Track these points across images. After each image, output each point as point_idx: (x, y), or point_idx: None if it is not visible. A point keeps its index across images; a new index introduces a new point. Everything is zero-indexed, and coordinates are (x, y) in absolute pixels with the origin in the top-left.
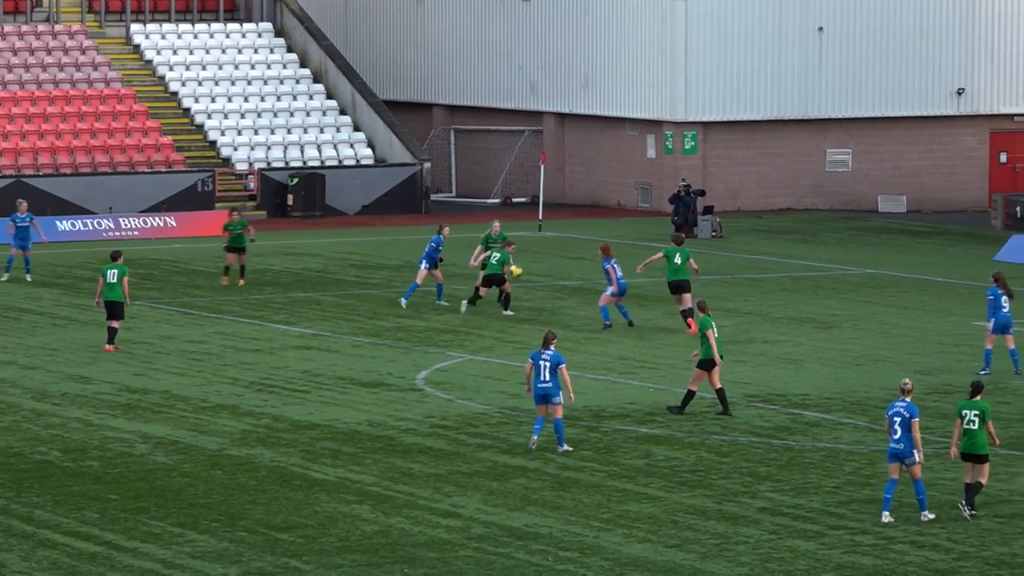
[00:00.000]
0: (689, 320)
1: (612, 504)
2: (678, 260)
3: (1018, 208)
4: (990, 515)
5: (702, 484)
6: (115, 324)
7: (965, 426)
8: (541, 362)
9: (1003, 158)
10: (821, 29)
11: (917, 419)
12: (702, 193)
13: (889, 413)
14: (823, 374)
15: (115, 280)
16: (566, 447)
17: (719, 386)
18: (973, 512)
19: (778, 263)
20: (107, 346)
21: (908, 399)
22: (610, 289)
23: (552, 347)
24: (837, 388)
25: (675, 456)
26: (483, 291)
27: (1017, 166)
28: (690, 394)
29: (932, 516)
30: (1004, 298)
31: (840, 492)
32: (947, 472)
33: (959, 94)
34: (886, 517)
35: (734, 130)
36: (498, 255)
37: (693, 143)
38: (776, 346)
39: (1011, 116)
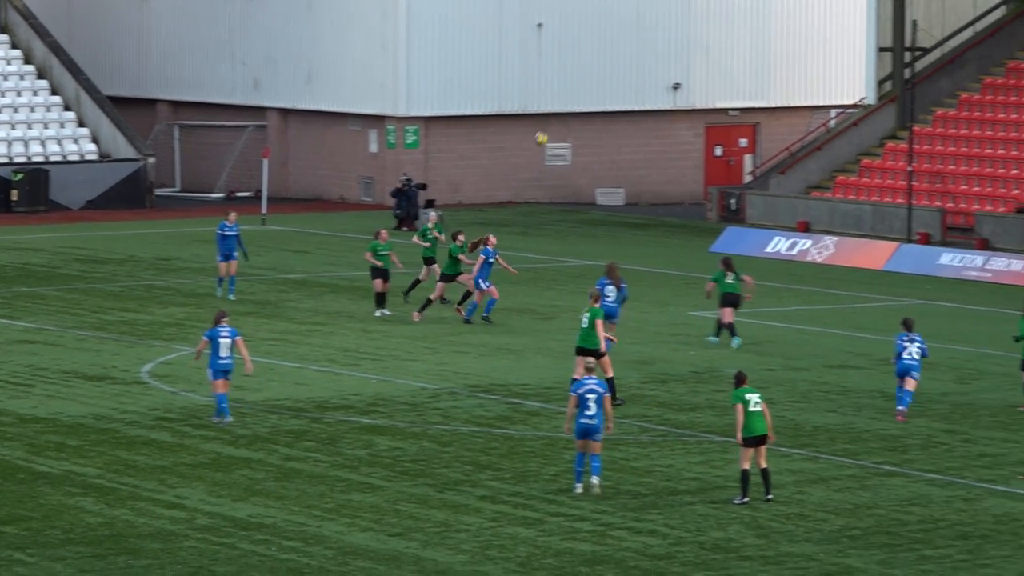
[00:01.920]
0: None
1: (335, 494)
2: (730, 279)
3: (732, 201)
4: (705, 500)
5: (424, 473)
6: None
7: (751, 410)
8: (221, 340)
9: (718, 152)
10: (540, 25)
11: (608, 394)
12: (423, 187)
13: (581, 391)
14: (543, 364)
15: None
16: (228, 419)
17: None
18: (769, 497)
19: (500, 256)
20: None
21: (595, 376)
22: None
23: (225, 323)
24: (557, 378)
25: (397, 446)
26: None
27: (732, 159)
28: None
29: (600, 490)
30: (611, 288)
31: (559, 480)
32: (663, 459)
33: (675, 89)
34: (578, 488)
35: (455, 125)
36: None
37: (415, 138)
38: (497, 337)
39: (726, 110)
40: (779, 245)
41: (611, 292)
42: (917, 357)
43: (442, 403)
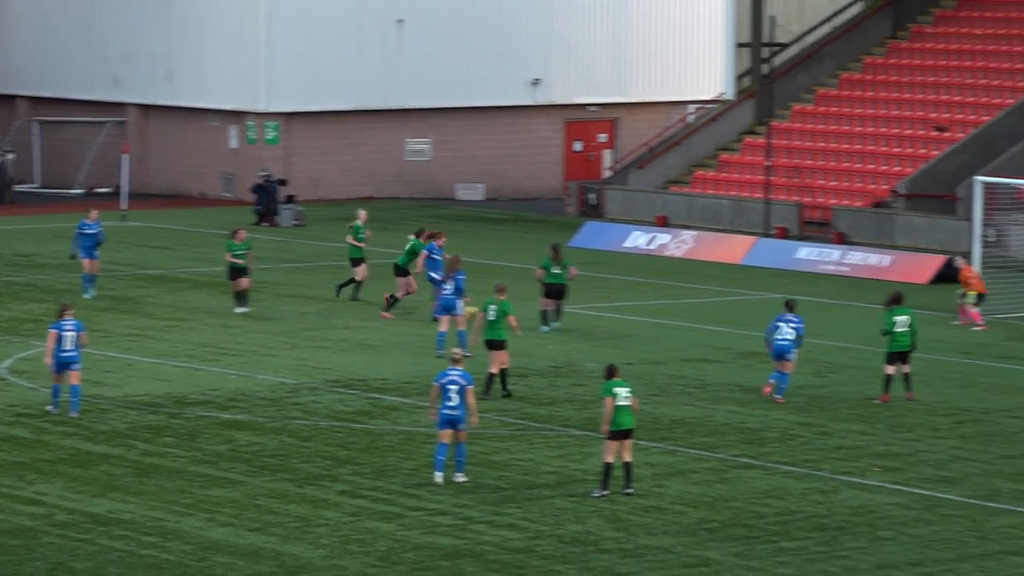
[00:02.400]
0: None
1: (194, 489)
2: (556, 270)
3: (591, 195)
4: (564, 494)
5: (284, 468)
6: None
7: (619, 403)
8: (65, 333)
9: (577, 147)
10: (401, 21)
11: (472, 386)
12: (283, 183)
13: (443, 381)
14: (402, 359)
15: None
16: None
17: (495, 371)
18: (629, 490)
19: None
20: None
21: (461, 368)
22: None
23: (69, 316)
24: (415, 372)
25: (257, 441)
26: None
27: (591, 155)
28: (493, 376)
29: (466, 479)
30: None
31: (419, 474)
32: (522, 453)
33: (535, 85)
34: (438, 477)
35: (316, 121)
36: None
37: (275, 134)
38: (357, 332)
39: (585, 106)
40: (638, 239)
41: (449, 286)
42: (791, 338)
43: (302, 398)
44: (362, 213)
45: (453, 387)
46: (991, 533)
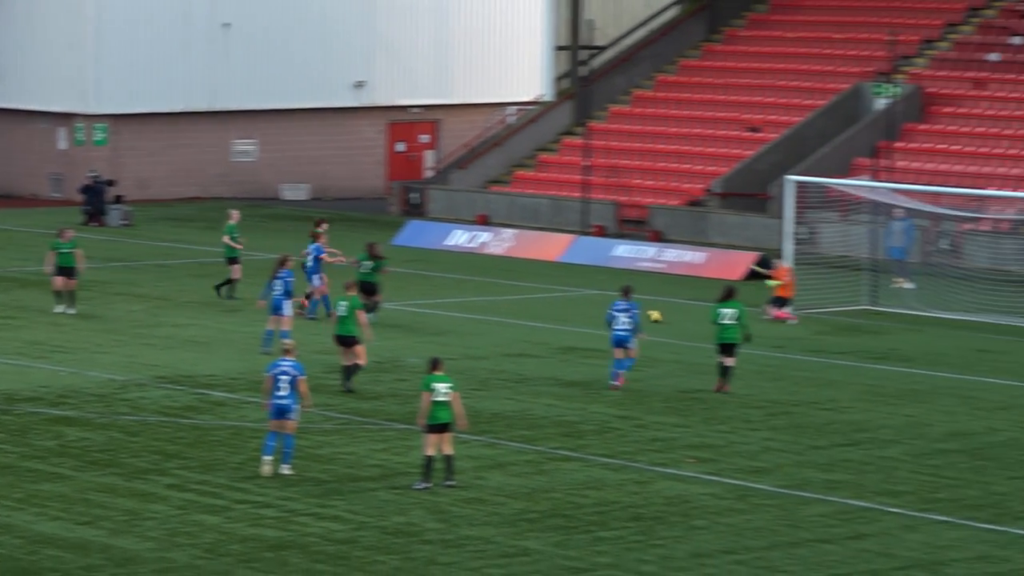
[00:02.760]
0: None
1: (24, 484)
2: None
3: (414, 195)
4: (387, 487)
5: (113, 463)
6: None
7: (436, 399)
8: None
9: (400, 147)
10: (228, 25)
11: (304, 377)
12: (112, 183)
13: (274, 372)
14: (229, 356)
15: None
16: None
17: (348, 363)
18: (450, 483)
19: (186, 250)
20: None
21: (292, 359)
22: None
23: None
24: (242, 369)
25: (86, 436)
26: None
27: (413, 155)
28: (354, 368)
29: (292, 472)
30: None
31: (245, 468)
32: (346, 447)
33: (358, 87)
34: (266, 461)
35: (144, 122)
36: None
37: (103, 135)
38: (184, 329)
39: (407, 107)
40: (459, 238)
41: (278, 285)
42: (629, 327)
43: (130, 394)
44: (234, 213)
45: (284, 378)
46: (802, 521)
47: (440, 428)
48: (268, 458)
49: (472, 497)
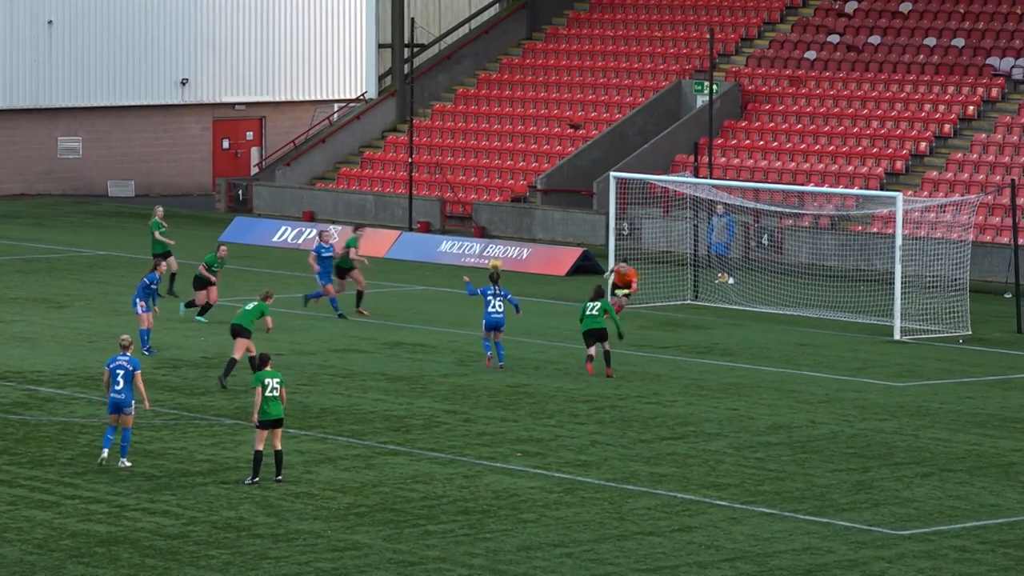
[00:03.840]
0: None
1: None
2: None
3: (240, 192)
4: (217, 481)
5: None
6: None
7: (268, 394)
8: None
9: (226, 144)
10: (51, 22)
11: (139, 371)
12: None
13: (111, 366)
14: (57, 351)
15: None
16: None
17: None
18: (279, 478)
19: (12, 246)
20: None
21: (129, 353)
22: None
23: None
24: (71, 365)
25: None
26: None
27: (239, 152)
28: (232, 362)
29: (130, 464)
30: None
31: (75, 463)
32: (176, 442)
33: (183, 84)
34: (104, 453)
35: None
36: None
37: None
38: (11, 325)
39: (232, 105)
40: (285, 234)
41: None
42: (502, 310)
43: None
44: (159, 210)
45: (120, 372)
46: (628, 514)
47: (272, 423)
48: (106, 450)
49: (302, 491)
